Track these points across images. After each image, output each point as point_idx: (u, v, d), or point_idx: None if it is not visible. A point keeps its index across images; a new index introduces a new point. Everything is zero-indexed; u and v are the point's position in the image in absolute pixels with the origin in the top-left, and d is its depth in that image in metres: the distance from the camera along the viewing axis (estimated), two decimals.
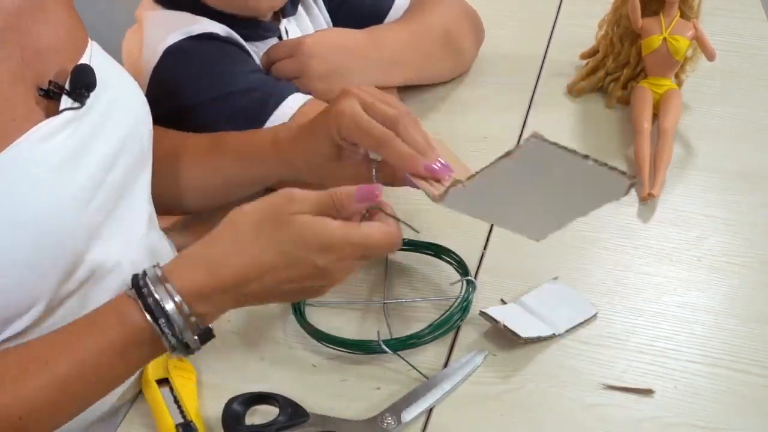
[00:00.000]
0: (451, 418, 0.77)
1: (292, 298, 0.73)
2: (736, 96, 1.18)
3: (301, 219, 0.68)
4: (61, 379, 0.66)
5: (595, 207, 0.74)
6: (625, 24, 1.14)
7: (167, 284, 0.67)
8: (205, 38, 0.99)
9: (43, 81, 0.74)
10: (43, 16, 0.76)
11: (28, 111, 0.72)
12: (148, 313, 0.66)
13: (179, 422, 0.75)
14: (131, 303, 0.67)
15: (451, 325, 0.83)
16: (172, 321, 0.67)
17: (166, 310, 0.66)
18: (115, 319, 0.67)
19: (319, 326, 0.84)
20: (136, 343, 0.67)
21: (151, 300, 0.66)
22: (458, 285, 0.87)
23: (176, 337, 0.67)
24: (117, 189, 0.78)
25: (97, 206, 0.75)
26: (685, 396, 0.78)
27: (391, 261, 0.93)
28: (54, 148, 0.71)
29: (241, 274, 0.68)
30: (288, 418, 0.74)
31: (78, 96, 0.74)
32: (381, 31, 1.12)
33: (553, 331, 0.83)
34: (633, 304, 0.87)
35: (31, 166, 0.69)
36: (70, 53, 0.77)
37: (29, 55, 0.74)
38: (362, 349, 0.82)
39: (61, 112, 0.73)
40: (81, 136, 0.74)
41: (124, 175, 0.79)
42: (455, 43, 1.18)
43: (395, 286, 0.90)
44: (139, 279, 0.68)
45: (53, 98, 0.74)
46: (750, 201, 1.00)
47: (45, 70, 0.75)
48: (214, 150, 0.92)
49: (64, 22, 0.78)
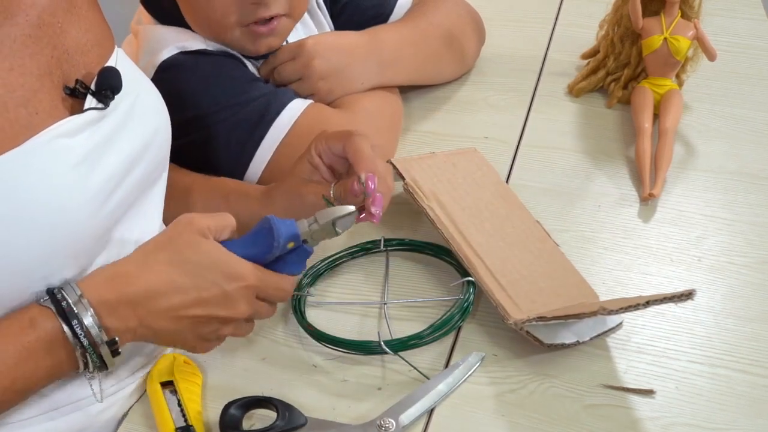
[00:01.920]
0: (452, 418, 0.77)
1: (200, 330, 0.73)
2: (737, 96, 1.19)
3: (207, 244, 0.72)
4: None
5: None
6: (626, 24, 1.14)
7: (79, 292, 0.68)
8: (200, 53, 1.00)
9: (69, 80, 0.75)
10: (75, 18, 0.77)
11: (52, 107, 0.72)
12: (61, 318, 0.68)
13: (180, 426, 0.75)
14: (44, 310, 0.68)
15: (452, 325, 0.83)
16: (84, 326, 0.68)
17: (79, 315, 0.68)
18: (28, 324, 0.68)
19: (320, 327, 0.84)
20: (47, 349, 0.68)
21: (65, 304, 0.68)
22: (459, 286, 0.87)
23: (87, 344, 0.68)
24: (132, 194, 0.79)
25: (111, 209, 0.75)
26: (685, 396, 0.78)
27: (392, 261, 0.93)
28: (73, 146, 0.72)
29: (148, 288, 0.70)
30: (285, 422, 0.74)
31: (102, 97, 0.75)
32: (382, 31, 1.12)
33: (577, 338, 0.82)
34: None
35: (49, 161, 0.70)
36: (98, 56, 0.78)
37: (59, 54, 0.74)
38: (363, 350, 0.82)
39: (85, 111, 0.74)
40: (101, 137, 0.74)
41: (141, 181, 0.80)
42: (457, 44, 1.18)
43: (396, 287, 0.91)
44: (53, 289, 0.69)
45: (78, 97, 0.74)
46: (750, 201, 1.00)
47: (72, 70, 0.75)
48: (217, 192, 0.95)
49: (93, 25, 0.79)
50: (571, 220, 0.98)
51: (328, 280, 0.92)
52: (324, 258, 0.93)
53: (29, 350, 0.67)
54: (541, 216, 0.97)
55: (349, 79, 1.06)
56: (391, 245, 0.94)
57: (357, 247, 0.94)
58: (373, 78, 1.08)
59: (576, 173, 1.06)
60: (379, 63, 1.09)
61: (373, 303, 0.89)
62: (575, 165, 1.06)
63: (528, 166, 1.07)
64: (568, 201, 1.01)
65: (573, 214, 0.99)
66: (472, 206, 0.93)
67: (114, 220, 0.77)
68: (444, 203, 0.91)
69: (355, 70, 1.06)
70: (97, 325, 0.68)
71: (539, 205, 1.00)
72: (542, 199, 1.01)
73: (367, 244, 0.94)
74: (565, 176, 1.05)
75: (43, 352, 0.68)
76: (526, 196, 1.00)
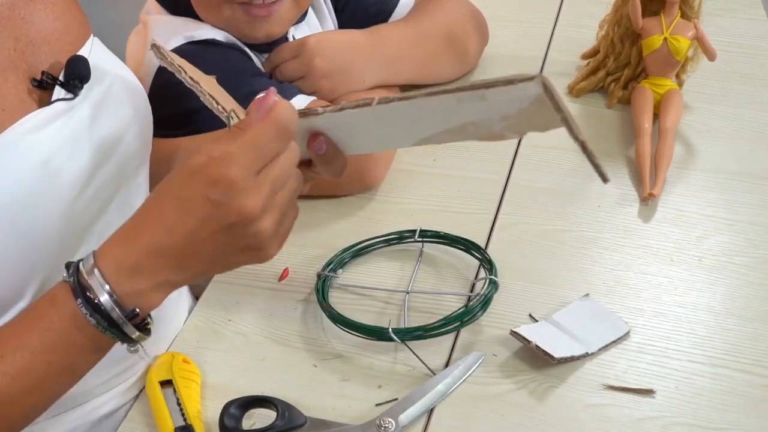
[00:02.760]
0: (452, 418, 0.77)
1: (232, 244, 0.65)
2: (737, 96, 1.18)
3: (191, 162, 0.64)
4: (17, 371, 0.64)
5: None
6: (626, 24, 1.14)
7: (96, 271, 0.64)
8: (207, 44, 0.99)
9: (36, 72, 0.73)
10: (40, 7, 0.75)
11: (19, 101, 0.70)
12: (79, 299, 0.64)
13: (179, 425, 0.74)
14: (66, 290, 0.65)
15: (466, 319, 0.83)
16: (103, 308, 0.64)
17: (99, 300, 0.63)
18: (49, 303, 0.65)
19: (339, 310, 0.85)
20: (78, 328, 0.64)
21: (73, 280, 0.64)
22: (480, 283, 0.88)
23: (107, 323, 0.64)
24: (109, 185, 0.77)
25: (86, 201, 0.74)
26: (685, 396, 0.78)
27: (425, 253, 0.94)
28: (44, 140, 0.70)
29: (155, 236, 0.64)
30: (285, 422, 0.74)
31: (71, 87, 0.73)
32: (384, 30, 1.12)
33: (586, 349, 0.81)
34: (634, 303, 0.87)
35: (19, 158, 0.68)
36: (67, 46, 0.76)
37: (22, 46, 0.73)
38: (372, 335, 0.82)
39: (53, 102, 0.72)
40: (72, 128, 0.73)
41: (117, 172, 0.78)
42: (460, 43, 1.18)
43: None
44: (70, 266, 0.65)
45: (46, 89, 0.73)
46: (751, 201, 1.00)
47: (39, 61, 0.74)
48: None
49: (63, 13, 0.77)
50: (571, 220, 0.98)
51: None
52: (356, 243, 0.93)
53: (54, 331, 0.64)
54: (542, 216, 0.97)
55: (351, 77, 1.05)
56: (426, 236, 0.94)
57: (394, 234, 0.94)
58: (375, 76, 1.08)
59: (576, 173, 1.06)
60: (381, 61, 1.09)
61: (395, 290, 0.89)
62: (575, 165, 1.06)
63: (528, 166, 1.07)
64: (568, 201, 1.01)
65: (573, 214, 0.99)
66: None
67: (91, 214, 0.75)
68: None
69: (357, 68, 1.06)
70: (113, 302, 0.63)
71: (539, 205, 1.00)
72: (542, 199, 1.01)
73: (404, 232, 0.95)
74: (565, 176, 1.05)
75: (73, 329, 0.64)
76: (526, 196, 1.00)
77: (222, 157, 0.63)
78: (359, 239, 0.94)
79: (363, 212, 1.00)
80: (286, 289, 0.91)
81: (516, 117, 0.66)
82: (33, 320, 0.65)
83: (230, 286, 0.91)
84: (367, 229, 0.96)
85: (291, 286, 0.91)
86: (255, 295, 0.90)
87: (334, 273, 0.90)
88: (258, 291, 0.91)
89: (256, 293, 0.91)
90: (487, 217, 0.99)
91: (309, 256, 0.94)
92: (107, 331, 0.64)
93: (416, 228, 0.94)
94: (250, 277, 0.91)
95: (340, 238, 0.95)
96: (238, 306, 0.89)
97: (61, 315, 0.64)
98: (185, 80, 0.72)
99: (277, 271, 0.92)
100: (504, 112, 0.66)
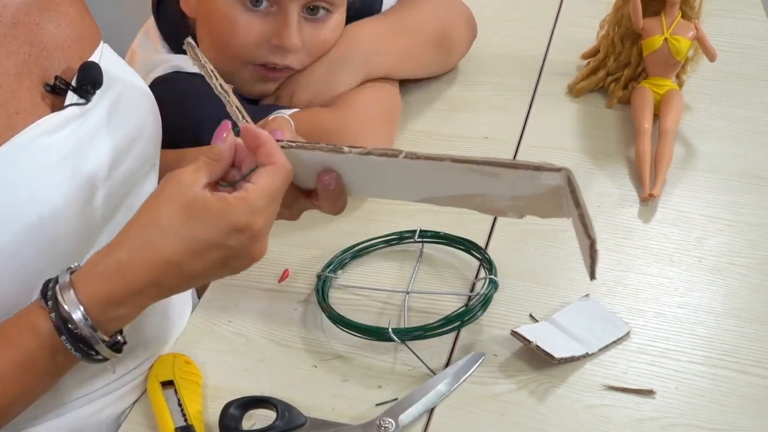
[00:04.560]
0: (452, 418, 0.77)
1: (220, 273, 0.70)
2: (737, 96, 1.18)
3: (199, 202, 0.66)
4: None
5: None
6: (627, 24, 1.14)
7: (73, 293, 0.65)
8: (194, 75, 0.99)
9: (49, 77, 0.74)
10: (53, 14, 0.77)
11: (33, 105, 0.72)
12: (54, 323, 0.65)
13: (180, 425, 0.75)
14: (42, 313, 0.66)
15: (466, 319, 0.83)
16: (78, 331, 0.65)
17: (74, 319, 0.65)
18: (28, 329, 0.66)
19: (339, 310, 0.85)
20: (51, 352, 0.66)
21: (61, 310, 0.65)
22: (480, 283, 0.88)
23: (82, 346, 0.66)
24: (121, 189, 0.78)
25: (99, 205, 0.75)
26: (685, 396, 0.78)
27: (425, 253, 0.94)
28: (57, 143, 0.71)
29: (153, 273, 0.66)
30: (285, 422, 0.74)
31: (84, 93, 0.75)
32: (355, 26, 1.11)
33: (586, 350, 0.81)
34: (634, 304, 0.87)
35: (33, 159, 0.69)
36: (79, 52, 0.78)
37: (37, 52, 0.74)
38: (372, 335, 0.82)
39: (66, 107, 0.73)
40: (85, 133, 0.74)
41: (129, 176, 0.79)
42: (443, 37, 1.17)
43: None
44: (48, 288, 0.67)
45: (59, 94, 0.74)
46: (751, 201, 1.00)
47: (52, 67, 0.75)
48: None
49: (74, 21, 0.79)
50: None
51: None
52: (356, 243, 0.93)
53: (33, 358, 0.66)
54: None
55: (335, 87, 1.05)
56: (426, 236, 0.94)
57: (394, 235, 0.94)
58: (357, 73, 1.07)
59: (576, 173, 1.04)
60: (358, 56, 1.08)
61: (395, 291, 0.89)
62: (575, 165, 1.06)
63: None
64: None
65: None
66: None
67: (103, 218, 0.76)
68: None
69: (336, 76, 1.06)
70: (90, 326, 0.65)
71: None
72: None
73: (404, 232, 0.95)
74: None
75: (49, 353, 0.66)
76: None
77: (248, 207, 0.66)
78: (359, 240, 0.94)
79: (363, 213, 1.00)
80: (286, 290, 0.91)
81: (526, 200, 0.69)
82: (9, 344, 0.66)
83: (230, 287, 0.91)
84: (366, 230, 0.96)
85: (291, 287, 0.91)
86: (255, 296, 0.90)
87: (334, 274, 0.90)
88: (258, 292, 0.91)
89: (256, 294, 0.91)
90: (487, 217, 0.99)
91: (309, 257, 0.94)
92: (84, 357, 0.67)
93: (416, 228, 0.94)
94: (250, 278, 0.91)
95: (340, 239, 0.95)
96: (238, 307, 0.89)
97: (41, 343, 0.66)
98: (215, 86, 0.73)
99: (277, 272, 0.92)
100: (517, 192, 0.68)
